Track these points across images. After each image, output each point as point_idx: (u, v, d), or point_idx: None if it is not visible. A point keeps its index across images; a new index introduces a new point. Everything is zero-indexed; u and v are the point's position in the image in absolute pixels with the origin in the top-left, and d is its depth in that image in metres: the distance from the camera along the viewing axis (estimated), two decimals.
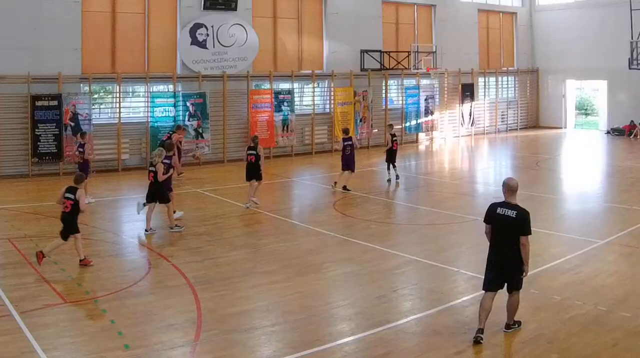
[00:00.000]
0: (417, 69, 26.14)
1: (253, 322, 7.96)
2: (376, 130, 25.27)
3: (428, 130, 27.84)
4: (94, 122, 19.10)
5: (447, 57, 27.63)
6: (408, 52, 26.21)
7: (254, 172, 14.62)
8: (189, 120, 20.62)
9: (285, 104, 22.96)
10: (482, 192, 17.38)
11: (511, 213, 7.19)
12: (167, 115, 20.31)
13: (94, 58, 19.47)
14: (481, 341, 7.15)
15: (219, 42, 21.52)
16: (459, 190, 17.36)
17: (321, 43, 24.56)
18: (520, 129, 31.92)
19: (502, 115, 31.33)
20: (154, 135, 19.76)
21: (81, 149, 14.81)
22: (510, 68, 31.99)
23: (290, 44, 23.77)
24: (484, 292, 7.43)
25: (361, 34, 25.07)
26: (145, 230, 12.18)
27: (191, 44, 21.03)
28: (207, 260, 10.65)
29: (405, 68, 26.05)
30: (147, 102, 20.08)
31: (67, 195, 9.96)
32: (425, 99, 27.38)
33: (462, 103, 28.81)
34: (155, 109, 20.14)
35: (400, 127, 26.12)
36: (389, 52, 25.95)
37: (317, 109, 24.10)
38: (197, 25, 21.09)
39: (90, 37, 19.40)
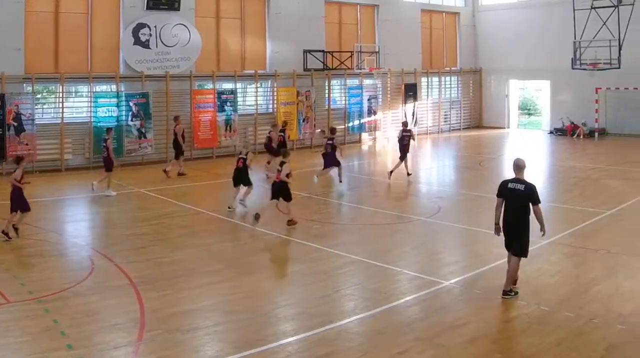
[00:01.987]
0: (360, 69, 28.85)
1: (196, 322, 8.71)
2: (319, 130, 27.74)
3: (371, 130, 30.60)
4: (37, 122, 20.99)
5: (390, 57, 30.46)
6: (351, 52, 28.92)
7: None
8: (132, 120, 22.71)
9: (228, 103, 25.28)
10: (425, 192, 19.13)
11: (520, 186, 9.37)
12: (110, 115, 22.36)
13: (37, 58, 21.36)
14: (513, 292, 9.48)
15: (162, 42, 23.66)
16: (402, 190, 19.21)
17: (264, 43, 27.00)
18: (463, 129, 35.17)
19: (445, 115, 34.51)
20: (97, 135, 21.75)
21: (104, 144, 17.93)
22: (453, 68, 35.29)
23: (233, 44, 26.11)
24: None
25: (304, 34, 27.63)
26: (229, 207, 15.40)
27: (134, 44, 23.10)
28: (150, 260, 11.58)
29: (348, 68, 28.74)
30: (90, 102, 22.10)
31: None
32: (368, 99, 30.19)
33: (405, 103, 31.75)
34: (98, 109, 22.18)
35: (343, 127, 28.73)
36: (332, 52, 28.59)
37: (260, 109, 26.55)
38: (140, 25, 23.17)
39: (33, 37, 21.27)
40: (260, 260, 11.87)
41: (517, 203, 9.38)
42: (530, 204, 9.28)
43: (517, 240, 9.44)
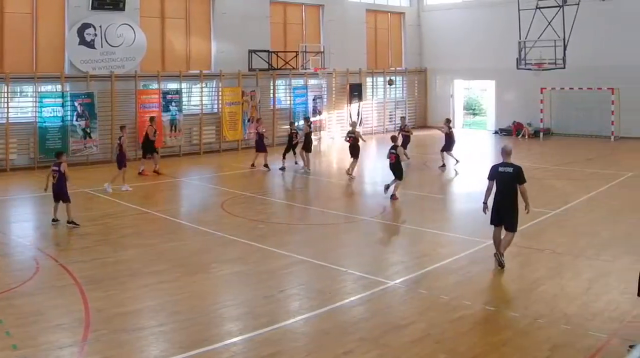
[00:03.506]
0: (305, 69, 31.14)
1: (141, 321, 9.19)
2: (264, 130, 29.74)
3: (316, 130, 32.69)
4: None
5: (335, 57, 32.74)
6: (296, 52, 31.13)
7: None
8: (77, 120, 24.37)
9: (173, 103, 27.15)
10: (370, 192, 20.33)
11: (509, 169, 11.52)
12: (55, 115, 23.98)
13: None
14: (500, 259, 11.45)
15: (107, 42, 25.37)
16: (347, 190, 20.54)
17: (209, 43, 28.99)
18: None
19: (390, 115, 37.04)
20: (42, 135, 23.39)
21: (118, 141, 19.98)
22: (398, 68, 37.96)
23: (178, 44, 27.99)
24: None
25: (249, 34, 29.70)
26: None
27: (79, 43, 24.78)
28: (95, 260, 12.23)
29: (294, 68, 30.94)
30: (35, 102, 23.71)
31: None
32: (314, 99, 32.51)
33: (350, 103, 34.11)
34: (43, 109, 23.77)
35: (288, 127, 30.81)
36: (277, 52, 30.75)
37: (205, 109, 28.51)
38: (85, 25, 24.85)
39: None
40: (205, 260, 12.42)
41: (506, 184, 11.54)
42: (518, 184, 11.51)
43: (508, 217, 11.60)
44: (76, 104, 24.42)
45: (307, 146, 23.82)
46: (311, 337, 8.84)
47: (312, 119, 31.79)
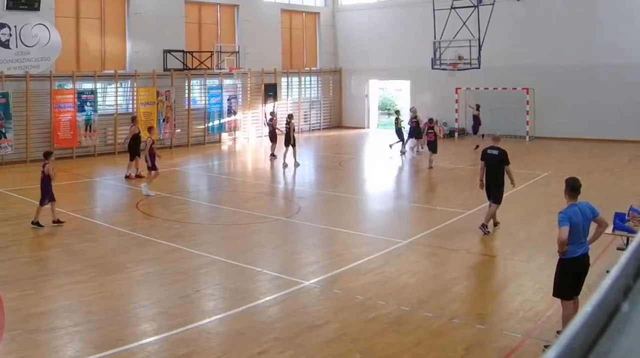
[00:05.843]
0: (220, 69, 34.32)
1: (57, 321, 9.72)
2: (179, 130, 32.81)
3: (231, 130, 36.12)
4: None
5: (250, 57, 36.07)
6: (211, 52, 34.34)
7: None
8: None
9: (88, 103, 29.92)
10: (285, 192, 22.09)
11: (496, 152, 15.12)
12: None
13: None
14: (485, 230, 14.87)
15: (22, 42, 27.96)
16: (261, 190, 22.06)
17: (124, 43, 31.90)
18: (323, 128, 41.46)
19: (305, 115, 40.76)
20: None
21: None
22: (313, 68, 41.70)
23: (93, 44, 30.83)
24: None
25: (164, 34, 32.68)
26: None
27: None
28: (10, 259, 12.95)
29: (208, 68, 34.17)
30: None
31: None
32: (228, 99, 35.77)
33: (265, 103, 37.51)
34: None
35: (203, 127, 34.13)
36: (192, 52, 33.90)
37: (120, 109, 31.36)
38: (0, 25, 27.30)
39: None
40: (120, 260, 13.14)
41: (493, 164, 15.13)
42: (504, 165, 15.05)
43: (495, 192, 15.15)
44: None
45: (288, 141, 26.96)
46: (226, 336, 9.44)
47: (226, 119, 35.23)
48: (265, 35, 37.84)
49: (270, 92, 37.79)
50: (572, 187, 8.93)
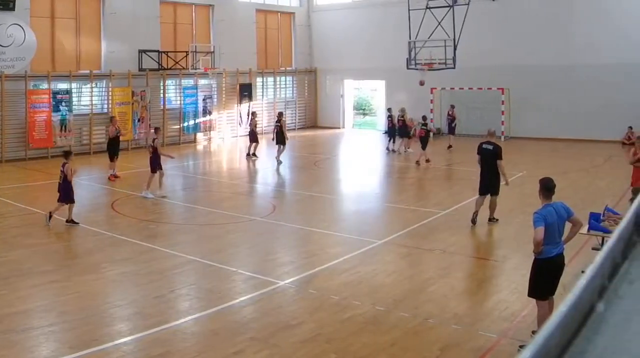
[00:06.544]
0: (195, 69, 34.30)
1: (31, 322, 9.76)
2: (153, 130, 32.62)
3: (206, 130, 36.14)
4: None
5: (225, 57, 36.06)
6: (186, 52, 34.34)
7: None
8: None
9: (63, 104, 29.79)
10: (260, 192, 22.24)
11: (490, 147, 15.76)
12: None
13: None
14: (475, 221, 15.58)
15: None
16: (237, 190, 22.15)
17: (99, 43, 31.81)
18: (298, 128, 41.46)
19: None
20: None
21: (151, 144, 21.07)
22: (288, 68, 41.80)
23: (69, 44, 30.69)
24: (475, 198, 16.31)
25: (139, 34, 32.64)
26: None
27: None
28: None
29: (184, 68, 34.18)
30: None
31: None
32: (204, 99, 35.80)
33: (240, 103, 37.60)
34: None
35: (178, 127, 34.05)
36: (167, 52, 33.89)
37: (95, 109, 31.29)
38: None
39: None
40: (94, 260, 13.19)
41: (488, 159, 15.78)
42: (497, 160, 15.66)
43: (492, 184, 15.74)
44: None
45: (282, 139, 27.61)
46: (202, 336, 9.48)
47: (202, 119, 35.23)
48: (241, 35, 37.89)
49: (246, 92, 37.90)
50: (547, 188, 9.03)
